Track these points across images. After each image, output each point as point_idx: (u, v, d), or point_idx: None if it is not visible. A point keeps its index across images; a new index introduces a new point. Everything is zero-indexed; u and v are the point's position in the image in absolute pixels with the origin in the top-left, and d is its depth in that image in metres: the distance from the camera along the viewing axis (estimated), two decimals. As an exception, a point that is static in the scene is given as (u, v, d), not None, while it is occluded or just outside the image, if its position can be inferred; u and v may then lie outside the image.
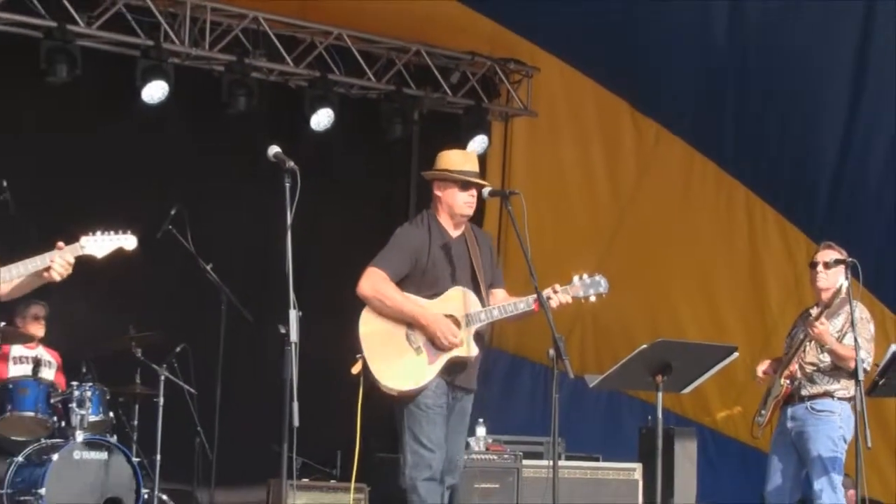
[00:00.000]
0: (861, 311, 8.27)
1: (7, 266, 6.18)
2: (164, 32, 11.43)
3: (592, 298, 7.31)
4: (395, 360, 7.14)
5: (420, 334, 7.14)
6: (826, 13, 10.41)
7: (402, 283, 7.21)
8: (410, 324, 7.16)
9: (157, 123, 11.46)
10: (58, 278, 6.15)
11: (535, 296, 7.05)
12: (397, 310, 7.15)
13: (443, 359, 7.11)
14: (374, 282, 7.15)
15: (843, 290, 8.11)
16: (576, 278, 7.25)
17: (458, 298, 7.20)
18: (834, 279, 8.41)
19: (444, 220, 7.36)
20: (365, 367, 7.12)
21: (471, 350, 7.16)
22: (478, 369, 7.40)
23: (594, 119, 12.89)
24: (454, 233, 7.36)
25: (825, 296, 8.39)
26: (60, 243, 6.22)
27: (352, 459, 8.62)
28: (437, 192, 7.39)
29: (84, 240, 6.31)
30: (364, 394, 7.16)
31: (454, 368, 7.18)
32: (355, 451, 7.55)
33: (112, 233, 6.43)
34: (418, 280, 7.22)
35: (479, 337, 7.27)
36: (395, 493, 9.94)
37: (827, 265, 8.42)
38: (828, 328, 8.13)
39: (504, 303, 7.25)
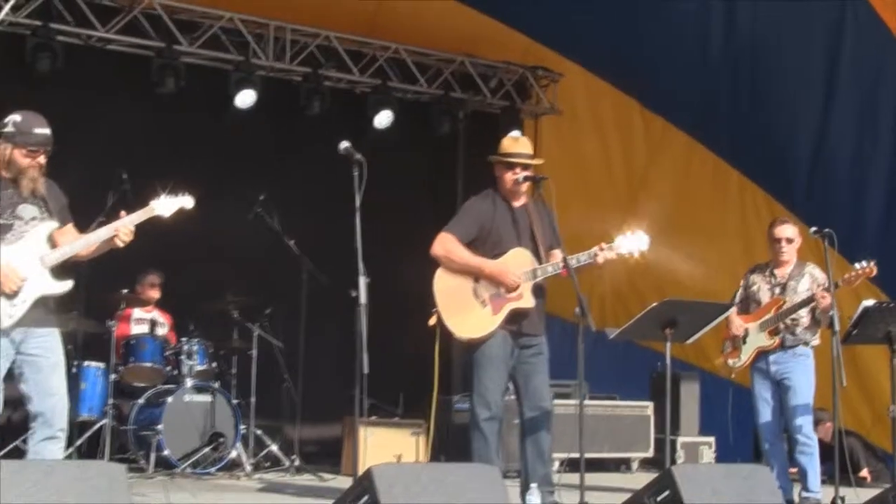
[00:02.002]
0: (821, 273, 8.29)
1: (85, 235, 6.22)
2: (252, 50, 11.47)
3: (636, 254, 7.12)
4: (464, 312, 7.07)
5: (486, 288, 7.07)
6: (804, 24, 10.35)
7: (471, 246, 7.16)
8: (477, 278, 7.09)
9: (247, 124, 11.48)
10: (121, 244, 6.18)
11: (578, 256, 7.02)
12: (464, 264, 7.09)
13: (505, 310, 7.05)
14: (444, 243, 7.14)
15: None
16: (619, 237, 7.11)
17: (518, 256, 7.13)
18: (794, 250, 8.42)
19: (504, 194, 7.29)
20: (439, 319, 7.10)
21: (529, 301, 7.08)
22: (542, 318, 7.30)
23: (610, 116, 12.82)
24: (515, 204, 7.28)
25: (788, 266, 8.42)
26: (123, 212, 6.26)
27: (413, 400, 8.60)
28: (496, 173, 7.34)
29: (153, 203, 6.32)
30: (438, 341, 7.21)
31: (517, 318, 7.10)
32: (428, 393, 7.57)
33: (174, 195, 6.41)
34: (483, 243, 7.16)
35: (538, 290, 7.17)
36: (450, 428, 10.02)
37: (789, 241, 8.42)
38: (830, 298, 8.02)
39: (552, 263, 7.12)
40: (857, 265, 7.99)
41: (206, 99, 11.38)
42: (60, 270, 6.16)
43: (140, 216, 6.23)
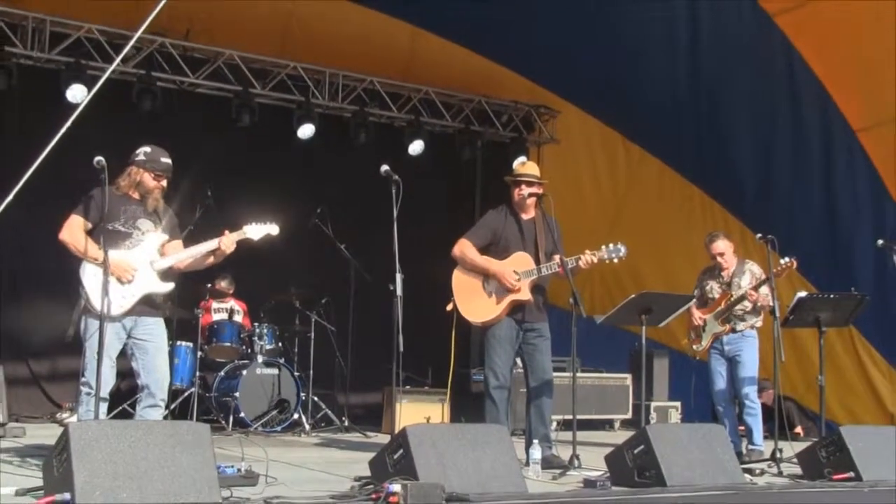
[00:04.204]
0: (758, 268, 8.37)
1: (187, 249, 6.33)
2: (312, 92, 11.51)
3: (616, 260, 7.04)
4: (473, 301, 7.18)
5: (492, 283, 7.14)
6: (751, 73, 10.37)
7: (487, 250, 7.25)
8: (486, 276, 7.16)
9: (308, 152, 11.54)
10: (213, 259, 6.35)
11: (563, 260, 7.01)
12: (475, 264, 7.20)
13: (505, 301, 7.11)
14: (461, 247, 7.27)
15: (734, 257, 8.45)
16: (603, 247, 7.04)
17: (520, 259, 7.17)
18: (730, 257, 8.46)
19: (515, 208, 7.35)
20: (455, 306, 7.21)
21: (526, 295, 7.11)
22: (542, 309, 7.30)
23: (598, 145, 12.79)
24: (524, 217, 7.32)
25: (727, 273, 8.45)
26: (226, 231, 6.36)
27: (439, 373, 8.57)
28: (510, 191, 7.40)
29: (245, 228, 6.43)
30: (455, 325, 7.28)
31: (518, 309, 7.16)
32: (449, 367, 7.60)
33: (262, 223, 6.49)
34: (496, 247, 7.25)
35: (537, 287, 7.21)
36: (468, 396, 10.03)
37: (721, 254, 8.47)
38: (759, 294, 8.12)
39: (546, 265, 7.14)
40: (781, 261, 8.02)
41: (275, 132, 11.41)
42: (165, 274, 6.25)
43: (236, 236, 6.34)
